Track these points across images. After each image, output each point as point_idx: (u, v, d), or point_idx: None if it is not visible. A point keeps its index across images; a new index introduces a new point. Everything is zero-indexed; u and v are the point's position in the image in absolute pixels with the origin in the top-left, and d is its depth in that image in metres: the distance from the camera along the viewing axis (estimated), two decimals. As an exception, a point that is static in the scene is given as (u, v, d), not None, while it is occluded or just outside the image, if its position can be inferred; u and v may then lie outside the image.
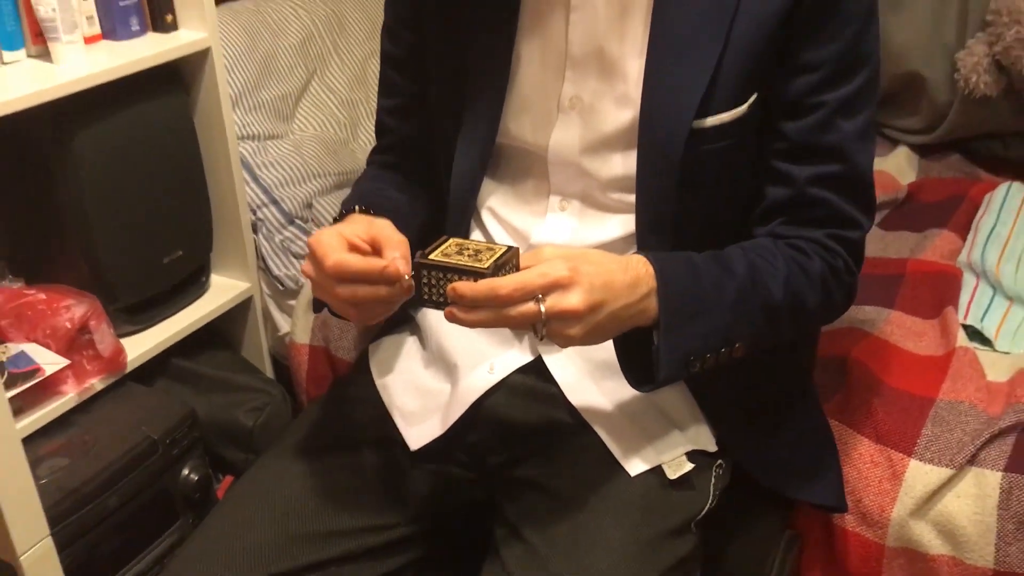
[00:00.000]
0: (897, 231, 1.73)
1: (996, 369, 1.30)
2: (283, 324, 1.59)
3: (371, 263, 0.83)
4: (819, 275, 0.96)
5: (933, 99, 1.93)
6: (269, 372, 1.62)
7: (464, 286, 0.79)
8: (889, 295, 1.49)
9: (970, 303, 1.44)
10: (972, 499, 1.11)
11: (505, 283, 0.79)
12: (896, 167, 1.97)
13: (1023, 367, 1.28)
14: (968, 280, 1.52)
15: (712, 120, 0.92)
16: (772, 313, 0.93)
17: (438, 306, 0.82)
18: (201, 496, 1.36)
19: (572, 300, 0.79)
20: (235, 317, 1.59)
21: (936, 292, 1.48)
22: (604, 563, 0.87)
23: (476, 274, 0.80)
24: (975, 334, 1.39)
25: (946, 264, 1.57)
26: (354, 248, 0.85)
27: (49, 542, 0.93)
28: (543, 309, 0.79)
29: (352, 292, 0.83)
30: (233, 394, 1.47)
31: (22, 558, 0.91)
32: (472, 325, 0.80)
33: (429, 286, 0.82)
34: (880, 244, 1.69)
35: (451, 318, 0.81)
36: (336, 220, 0.96)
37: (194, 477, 1.35)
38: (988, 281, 1.50)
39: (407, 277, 0.82)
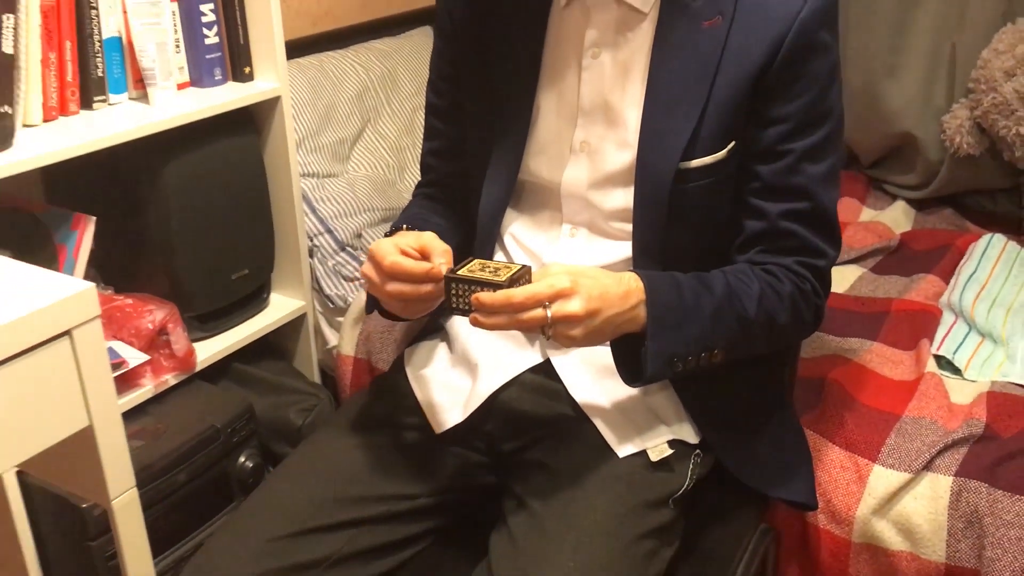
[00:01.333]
0: (888, 275, 1.85)
1: (962, 393, 1.42)
2: (332, 338, 1.74)
3: (420, 265, 0.98)
4: (789, 296, 1.09)
5: (926, 158, 2.06)
6: (317, 380, 1.77)
7: (485, 296, 0.94)
8: (873, 329, 1.61)
9: (945, 337, 1.56)
10: (927, 500, 1.23)
11: (518, 293, 0.93)
12: (893, 219, 2.10)
13: (984, 392, 1.40)
14: (947, 318, 1.63)
15: (696, 162, 1.06)
16: (746, 326, 1.06)
17: (464, 313, 0.97)
18: (254, 481, 1.50)
19: (573, 307, 0.94)
20: (290, 330, 1.73)
21: (915, 328, 1.60)
22: (589, 522, 1.00)
23: (495, 286, 0.95)
24: (948, 364, 1.51)
25: (928, 304, 1.69)
26: (405, 254, 1.00)
27: (134, 492, 1.07)
28: (549, 314, 0.93)
29: (400, 290, 0.99)
30: (285, 396, 1.61)
31: (113, 502, 1.05)
32: (491, 328, 0.95)
33: (457, 296, 0.97)
34: (871, 286, 1.82)
35: (475, 323, 0.95)
36: (387, 235, 1.12)
37: (249, 464, 1.49)
38: (964, 320, 1.62)
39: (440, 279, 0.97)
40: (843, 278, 1.84)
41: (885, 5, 2.03)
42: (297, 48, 1.86)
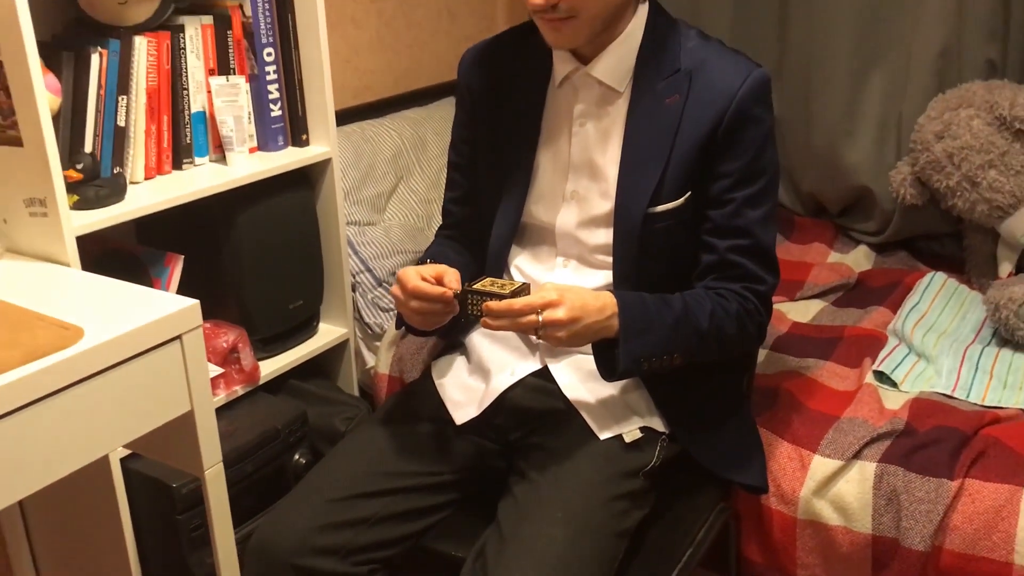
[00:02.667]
0: (846, 308, 2.07)
1: (894, 401, 1.63)
2: (369, 359, 1.98)
3: (435, 288, 1.24)
4: (735, 313, 1.33)
5: (881, 207, 2.29)
6: (356, 394, 2.00)
7: (492, 304, 1.19)
8: (827, 351, 1.84)
9: (887, 357, 1.78)
10: (856, 483, 1.44)
11: (517, 303, 1.19)
12: (855, 261, 2.32)
13: (911, 399, 1.62)
14: (892, 342, 1.85)
15: (661, 208, 1.31)
16: (700, 335, 1.29)
17: (476, 318, 1.23)
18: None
19: (559, 314, 1.19)
20: (335, 352, 1.95)
21: (863, 349, 1.82)
22: (574, 484, 1.23)
23: (500, 297, 1.20)
24: (887, 379, 1.73)
25: (877, 330, 1.91)
26: (424, 279, 1.26)
27: (221, 466, 1.31)
28: (540, 319, 1.19)
29: (420, 306, 1.24)
30: (331, 407, 1.85)
31: (206, 472, 1.30)
32: (496, 329, 1.20)
33: (471, 304, 1.23)
34: (830, 317, 2.04)
35: (484, 325, 1.21)
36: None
37: (302, 461, 1.73)
38: (905, 343, 1.84)
39: (454, 298, 1.23)
40: (807, 311, 2.07)
41: (842, 79, 2.26)
42: (342, 117, 2.11)
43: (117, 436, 1.19)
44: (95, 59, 1.50)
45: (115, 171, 1.55)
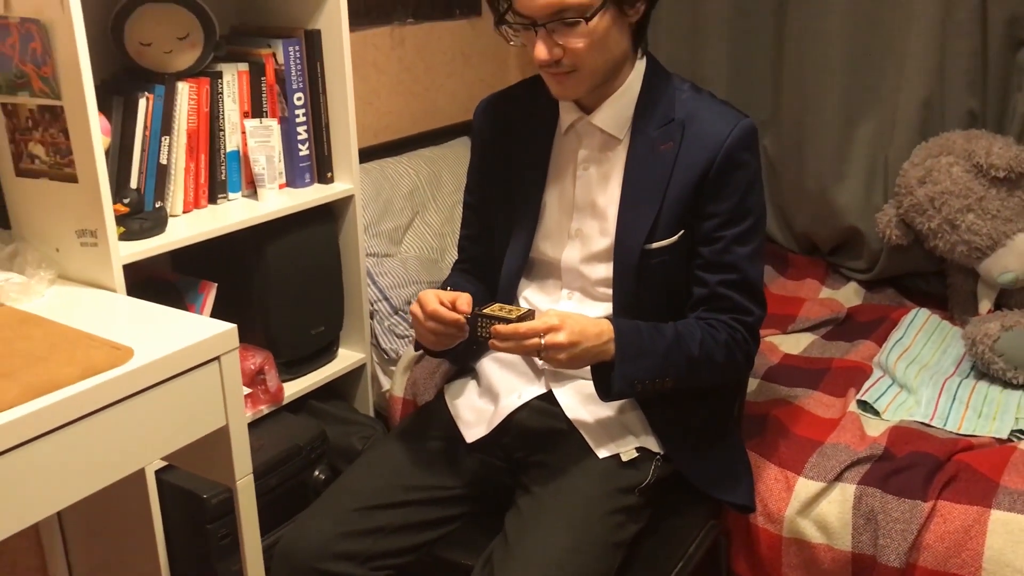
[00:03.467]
0: (835, 341, 2.17)
1: (876, 428, 1.72)
2: (385, 383, 2.08)
3: (449, 314, 1.34)
4: (724, 342, 1.42)
5: (870, 247, 2.39)
6: (372, 415, 2.10)
7: (500, 327, 1.29)
8: (815, 381, 1.93)
9: (871, 387, 1.87)
10: (837, 503, 1.53)
11: (522, 327, 1.29)
12: (845, 297, 2.42)
13: (891, 426, 1.71)
14: (876, 373, 1.94)
15: (656, 245, 1.41)
16: (691, 361, 1.39)
17: (485, 340, 1.33)
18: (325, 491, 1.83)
19: (560, 337, 1.28)
20: (353, 376, 2.05)
21: (848, 380, 1.91)
22: (574, 498, 1.32)
23: (507, 321, 1.30)
24: (871, 408, 1.82)
25: (863, 362, 2.01)
26: (442, 304, 1.36)
27: (251, 477, 1.41)
28: (543, 342, 1.29)
29: (435, 327, 1.34)
30: (349, 426, 1.94)
31: (238, 482, 1.39)
32: (503, 351, 1.30)
33: (481, 327, 1.32)
34: (820, 349, 2.13)
35: (492, 346, 1.31)
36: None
37: (322, 476, 1.82)
38: (889, 374, 1.93)
39: (465, 321, 1.33)
40: (798, 343, 2.16)
41: (832, 127, 2.36)
42: (363, 155, 2.20)
43: (159, 447, 1.29)
44: (142, 103, 1.62)
45: (157, 205, 1.67)
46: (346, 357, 2.05)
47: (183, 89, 1.68)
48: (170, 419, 1.28)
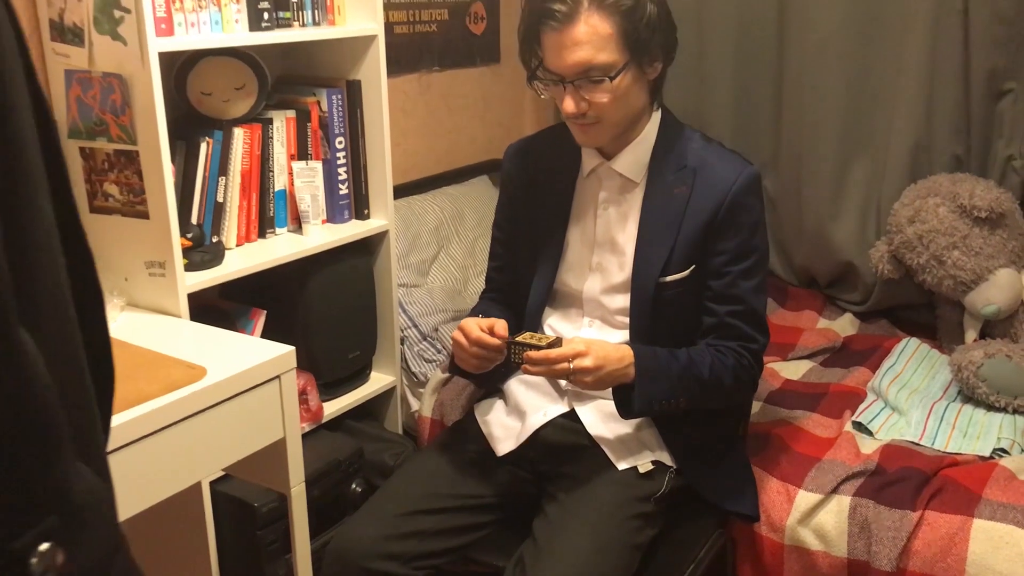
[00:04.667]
0: (832, 368, 2.28)
1: (870, 447, 1.83)
2: (414, 404, 2.20)
3: (492, 340, 1.46)
4: (732, 367, 1.55)
5: (864, 281, 2.51)
6: (401, 433, 2.23)
7: (532, 353, 1.43)
8: (813, 404, 2.05)
9: (865, 409, 1.99)
10: (834, 513, 1.65)
11: (552, 353, 1.42)
12: (841, 327, 2.53)
13: (883, 445, 1.83)
14: (870, 397, 2.07)
15: (670, 278, 1.55)
16: (702, 384, 1.52)
17: (518, 365, 1.46)
18: (360, 502, 1.95)
19: (587, 362, 1.42)
20: (384, 397, 2.17)
21: (844, 403, 2.03)
22: (596, 505, 1.45)
23: (538, 348, 1.44)
24: (865, 428, 1.94)
25: (858, 387, 2.13)
26: (483, 330, 1.49)
27: (303, 485, 1.54)
28: (571, 366, 1.42)
29: (478, 352, 1.47)
30: (382, 444, 2.07)
31: (292, 490, 1.52)
32: (535, 374, 1.44)
33: (515, 354, 1.46)
34: (818, 375, 2.26)
35: (525, 371, 1.44)
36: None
37: (358, 489, 1.94)
38: (881, 398, 2.06)
39: (504, 346, 1.46)
40: (798, 369, 2.29)
41: (829, 169, 2.49)
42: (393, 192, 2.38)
43: (224, 457, 1.42)
44: (203, 147, 1.77)
45: (214, 239, 1.81)
46: (378, 380, 2.17)
47: (238, 134, 1.83)
48: (236, 431, 1.41)
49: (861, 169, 2.50)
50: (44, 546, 0.41)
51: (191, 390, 1.31)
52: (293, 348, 1.47)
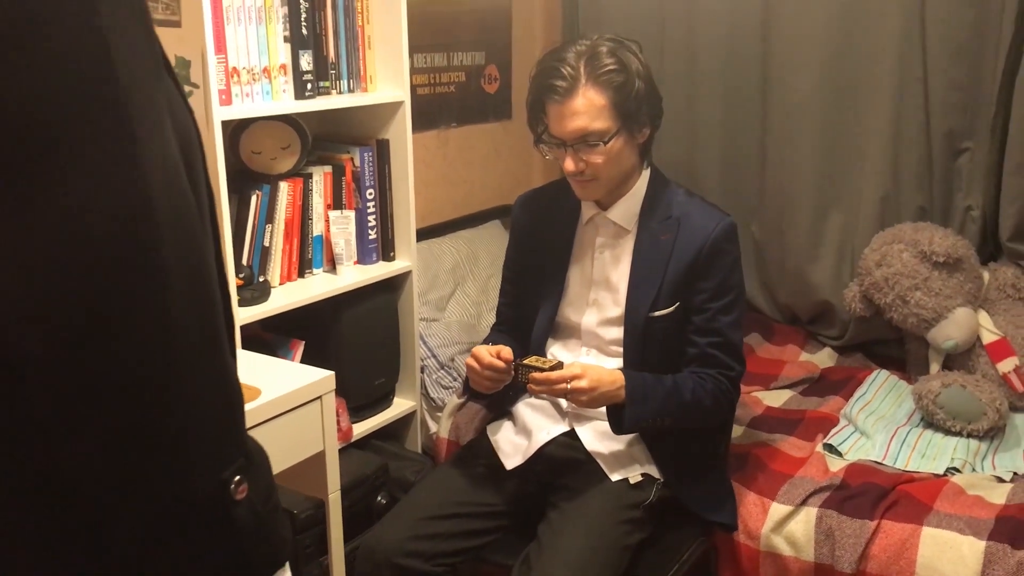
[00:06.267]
0: (809, 396, 2.46)
1: (837, 465, 2.01)
2: (432, 426, 2.39)
3: (500, 364, 1.65)
4: (711, 391, 1.74)
5: (840, 318, 2.70)
6: (420, 452, 2.42)
7: (536, 375, 1.62)
8: (791, 428, 2.23)
9: (835, 433, 2.18)
10: (803, 523, 1.82)
11: (553, 375, 1.61)
12: (820, 360, 2.72)
13: (850, 464, 2.01)
14: (842, 422, 2.25)
15: (658, 313, 1.74)
16: (685, 405, 1.71)
17: (524, 384, 1.66)
18: (386, 513, 2.13)
19: (583, 383, 1.61)
20: (405, 420, 2.36)
21: (818, 428, 2.22)
22: (592, 512, 1.63)
23: (541, 370, 1.63)
24: (835, 450, 2.12)
25: (831, 414, 2.31)
26: (490, 355, 1.69)
27: (339, 492, 1.73)
28: (569, 387, 1.62)
29: (490, 375, 1.67)
30: (403, 462, 2.26)
31: (330, 496, 1.71)
32: (538, 393, 1.64)
33: (521, 375, 1.65)
34: (797, 403, 2.44)
35: (530, 390, 1.64)
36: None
37: (383, 501, 2.13)
38: (852, 424, 2.24)
39: (511, 368, 1.65)
40: (779, 398, 2.47)
41: (808, 217, 2.69)
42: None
43: (276, 465, 1.61)
44: (253, 199, 1.99)
45: (261, 279, 2.02)
46: (400, 404, 2.37)
47: (283, 187, 2.05)
48: (285, 444, 1.60)
49: (836, 217, 2.70)
50: (237, 477, 0.60)
51: (251, 407, 1.51)
52: (333, 372, 1.67)
